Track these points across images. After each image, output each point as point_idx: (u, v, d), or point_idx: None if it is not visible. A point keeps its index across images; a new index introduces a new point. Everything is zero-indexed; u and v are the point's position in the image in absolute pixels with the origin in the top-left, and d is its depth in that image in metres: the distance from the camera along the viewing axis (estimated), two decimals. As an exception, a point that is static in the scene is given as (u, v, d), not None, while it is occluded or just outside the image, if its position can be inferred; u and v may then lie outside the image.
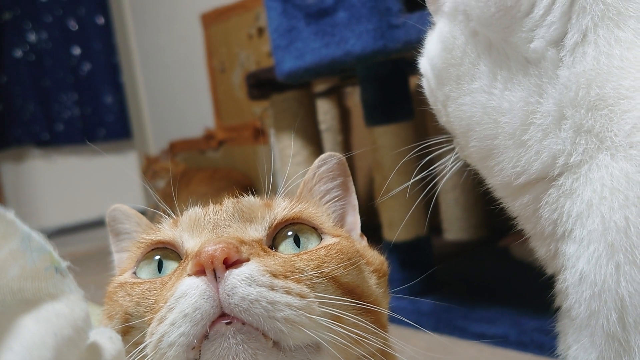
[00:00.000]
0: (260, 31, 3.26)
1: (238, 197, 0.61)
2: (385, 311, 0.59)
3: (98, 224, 3.89)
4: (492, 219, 2.10)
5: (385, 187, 1.53)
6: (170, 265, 0.56)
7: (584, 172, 0.53)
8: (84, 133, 4.34)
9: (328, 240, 0.58)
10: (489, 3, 0.58)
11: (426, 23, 0.73)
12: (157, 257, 0.57)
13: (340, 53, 1.42)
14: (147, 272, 0.57)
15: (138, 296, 0.53)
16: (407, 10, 1.30)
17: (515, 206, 0.63)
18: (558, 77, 0.55)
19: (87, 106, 4.38)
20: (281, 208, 0.59)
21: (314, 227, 0.59)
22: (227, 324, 0.46)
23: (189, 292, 0.47)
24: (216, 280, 0.47)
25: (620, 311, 0.49)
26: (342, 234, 0.61)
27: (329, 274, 0.53)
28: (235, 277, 0.47)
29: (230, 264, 0.48)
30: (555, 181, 0.57)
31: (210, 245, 0.47)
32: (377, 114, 1.54)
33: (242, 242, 0.52)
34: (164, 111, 4.36)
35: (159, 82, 4.36)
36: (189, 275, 0.48)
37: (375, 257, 0.64)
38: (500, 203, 0.68)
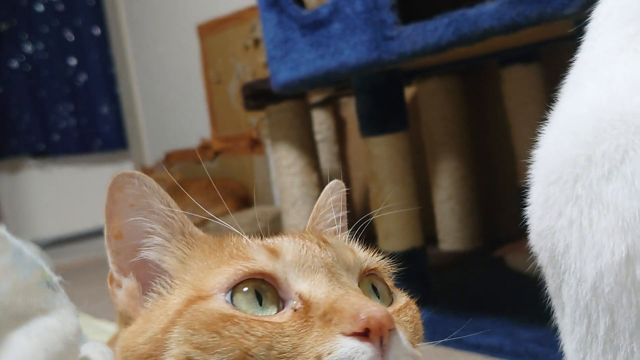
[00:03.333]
0: (256, 42, 3.27)
1: (323, 237, 0.58)
2: None
3: (94, 234, 3.88)
4: (488, 230, 2.10)
5: (380, 197, 1.53)
6: (265, 301, 0.51)
7: None
8: (80, 143, 4.33)
9: (404, 298, 0.59)
10: None
11: (420, 35, 0.74)
12: (246, 289, 0.51)
13: (335, 64, 1.43)
14: (246, 303, 0.51)
15: (267, 338, 0.47)
16: (402, 23, 1.31)
17: None
18: None
19: (83, 117, 4.37)
20: (363, 256, 0.59)
21: (383, 280, 0.59)
22: None
23: (355, 356, 0.46)
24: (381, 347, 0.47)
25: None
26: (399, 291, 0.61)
27: (417, 339, 0.55)
28: (396, 347, 0.48)
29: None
30: None
31: (375, 310, 0.47)
32: (372, 125, 1.55)
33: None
34: (160, 122, 4.36)
35: (155, 92, 4.36)
36: (345, 334, 0.47)
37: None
38: (495, 214, 0.70)
